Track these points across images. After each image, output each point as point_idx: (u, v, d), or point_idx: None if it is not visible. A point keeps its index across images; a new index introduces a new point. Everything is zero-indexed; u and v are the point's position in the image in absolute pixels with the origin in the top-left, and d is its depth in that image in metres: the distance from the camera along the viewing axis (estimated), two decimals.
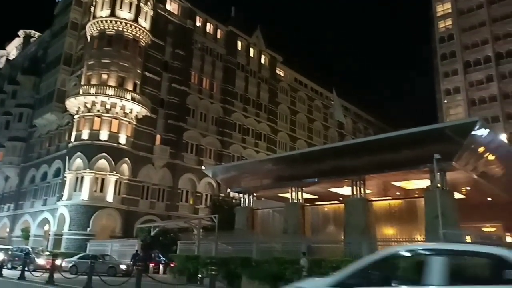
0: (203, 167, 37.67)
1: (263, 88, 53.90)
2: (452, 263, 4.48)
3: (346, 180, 19.46)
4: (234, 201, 33.70)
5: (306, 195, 22.05)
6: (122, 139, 36.49)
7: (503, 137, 39.76)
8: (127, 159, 36.63)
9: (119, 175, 35.78)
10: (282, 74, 58.36)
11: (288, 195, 21.73)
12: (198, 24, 48.04)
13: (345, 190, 20.23)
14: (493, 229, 24.36)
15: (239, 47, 51.90)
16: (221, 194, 39.78)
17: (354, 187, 18.81)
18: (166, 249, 28.16)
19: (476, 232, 20.21)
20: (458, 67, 53.99)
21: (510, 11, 51.47)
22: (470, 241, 14.06)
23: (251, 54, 53.45)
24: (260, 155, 47.99)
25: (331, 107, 58.77)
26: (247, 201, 24.28)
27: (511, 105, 49.04)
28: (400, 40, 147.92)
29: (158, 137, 41.13)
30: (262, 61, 55.06)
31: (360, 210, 17.99)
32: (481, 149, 16.89)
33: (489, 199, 21.58)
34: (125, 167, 36.58)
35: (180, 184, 41.58)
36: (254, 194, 24.60)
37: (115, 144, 35.84)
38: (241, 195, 25.43)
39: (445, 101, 54.30)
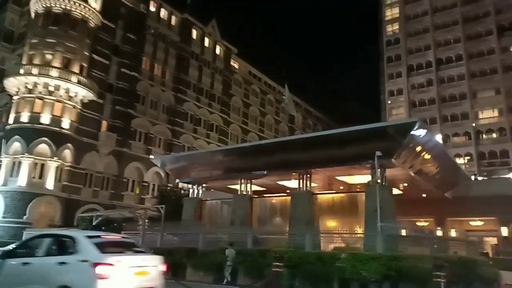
0: (151, 156, 36.89)
1: (217, 79, 53.59)
2: (49, 242, 7.26)
3: (293, 174, 19.99)
4: (182, 191, 33.34)
5: (254, 187, 22.37)
6: (65, 123, 34.79)
7: (439, 137, 42.64)
8: (69, 144, 35.00)
9: (60, 161, 34.15)
10: (236, 66, 58.37)
11: (237, 186, 21.93)
12: (152, 8, 46.66)
13: (292, 183, 20.77)
14: (426, 223, 26.22)
15: (194, 36, 51.11)
16: (169, 184, 39.18)
17: (301, 181, 19.38)
18: None
19: (410, 226, 21.60)
20: (402, 70, 56.86)
21: (450, 19, 55.00)
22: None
23: (206, 44, 52.84)
24: (211, 146, 47.84)
25: (283, 102, 59.75)
26: (195, 192, 24.21)
27: (447, 108, 52.54)
28: (352, 40, 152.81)
29: (104, 123, 39.63)
30: (217, 51, 54.65)
31: (305, 202, 18.59)
32: (418, 148, 18.02)
33: (424, 195, 23.16)
34: (67, 153, 34.94)
35: (126, 173, 40.45)
36: (203, 185, 24.59)
37: (58, 129, 34.10)
38: (190, 185, 25.27)
39: (389, 102, 57.06)
